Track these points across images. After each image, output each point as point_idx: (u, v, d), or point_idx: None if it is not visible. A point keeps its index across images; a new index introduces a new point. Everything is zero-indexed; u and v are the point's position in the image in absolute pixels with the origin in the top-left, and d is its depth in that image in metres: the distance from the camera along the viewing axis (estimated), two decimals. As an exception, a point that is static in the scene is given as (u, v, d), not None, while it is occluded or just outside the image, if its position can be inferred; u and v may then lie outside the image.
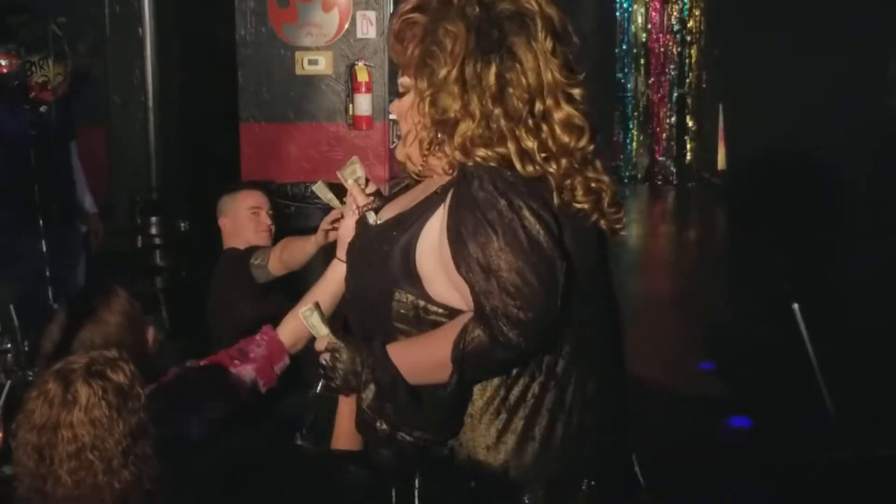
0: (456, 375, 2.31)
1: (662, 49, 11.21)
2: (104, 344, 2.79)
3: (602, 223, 2.43)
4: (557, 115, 2.37)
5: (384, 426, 2.36)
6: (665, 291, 8.27)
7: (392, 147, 7.44)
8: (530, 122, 2.35)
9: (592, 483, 2.41)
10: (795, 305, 3.52)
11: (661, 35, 11.19)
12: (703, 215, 10.78)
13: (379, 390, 2.34)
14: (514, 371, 2.37)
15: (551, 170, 2.35)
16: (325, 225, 3.72)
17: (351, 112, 7.21)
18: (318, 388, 2.57)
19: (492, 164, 2.33)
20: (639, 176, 11.34)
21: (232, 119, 7.35)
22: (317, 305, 2.45)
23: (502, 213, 2.26)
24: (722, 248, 9.62)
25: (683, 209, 10.99)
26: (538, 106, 2.36)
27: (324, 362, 2.41)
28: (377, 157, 7.34)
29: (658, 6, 11.14)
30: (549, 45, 2.36)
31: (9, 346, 3.45)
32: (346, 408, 2.58)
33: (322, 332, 2.44)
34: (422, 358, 2.35)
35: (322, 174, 7.24)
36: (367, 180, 2.71)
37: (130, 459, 2.28)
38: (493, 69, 2.33)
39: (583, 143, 2.38)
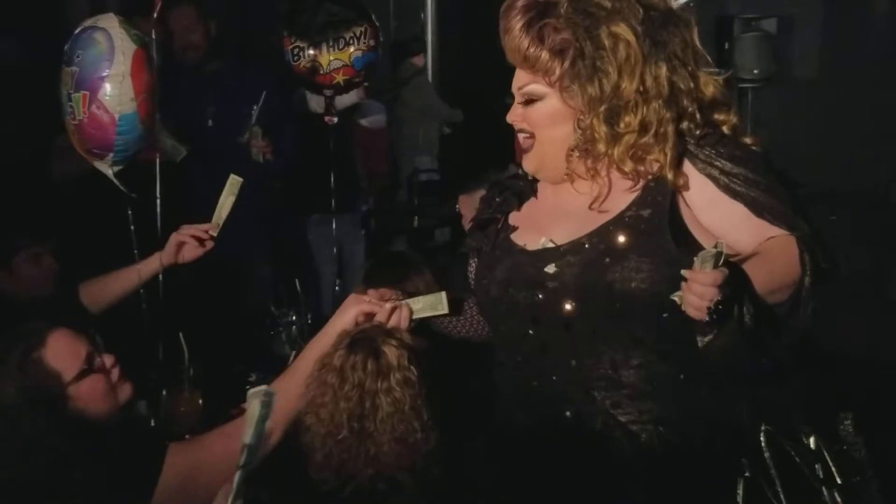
0: (807, 280, 2.19)
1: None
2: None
3: None
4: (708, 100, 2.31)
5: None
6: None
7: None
8: (692, 123, 2.28)
9: None
10: None
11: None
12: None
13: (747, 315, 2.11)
14: None
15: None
16: None
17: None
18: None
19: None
20: None
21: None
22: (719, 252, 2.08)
23: None
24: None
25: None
26: (696, 104, 2.28)
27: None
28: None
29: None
30: (699, 46, 2.30)
31: (294, 318, 3.58)
32: None
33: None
34: (769, 276, 2.18)
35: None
36: None
37: (432, 416, 2.32)
38: (665, 74, 2.25)
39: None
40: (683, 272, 2.04)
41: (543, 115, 2.33)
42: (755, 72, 9.23)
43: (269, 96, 4.82)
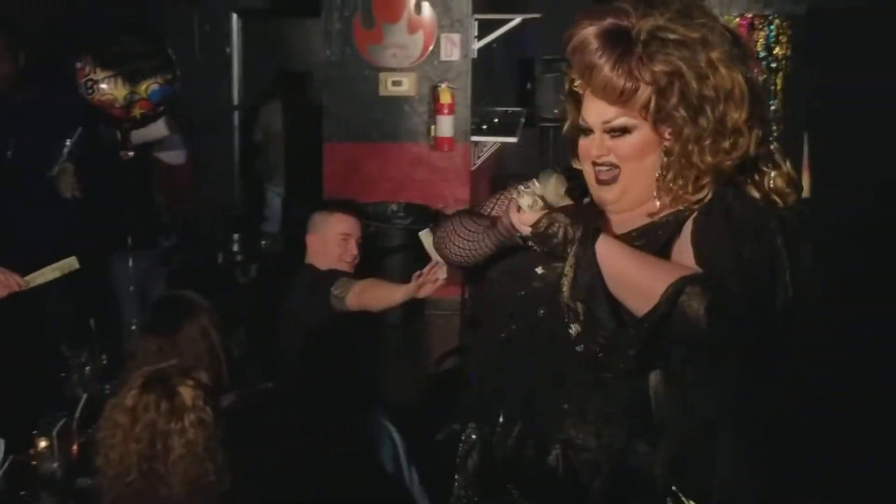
0: (663, 308, 2.08)
1: (748, 75, 11.11)
2: (178, 355, 2.80)
3: None
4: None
5: (576, 327, 2.13)
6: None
7: (472, 168, 7.45)
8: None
9: None
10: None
11: (747, 61, 11.10)
12: (786, 244, 10.58)
13: (576, 277, 2.13)
14: None
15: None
16: (426, 276, 3.80)
17: (433, 133, 7.25)
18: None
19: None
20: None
21: (315, 138, 7.44)
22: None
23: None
24: (805, 277, 9.43)
25: (767, 237, 10.84)
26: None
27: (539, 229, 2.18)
28: (458, 178, 7.35)
29: (744, 32, 11.04)
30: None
31: (85, 359, 3.48)
32: None
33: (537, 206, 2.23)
34: (634, 271, 2.15)
35: (403, 194, 7.32)
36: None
37: (227, 458, 2.30)
38: (760, 100, 2.25)
39: None
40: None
41: (635, 146, 2.24)
42: (555, 111, 9.49)
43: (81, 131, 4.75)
